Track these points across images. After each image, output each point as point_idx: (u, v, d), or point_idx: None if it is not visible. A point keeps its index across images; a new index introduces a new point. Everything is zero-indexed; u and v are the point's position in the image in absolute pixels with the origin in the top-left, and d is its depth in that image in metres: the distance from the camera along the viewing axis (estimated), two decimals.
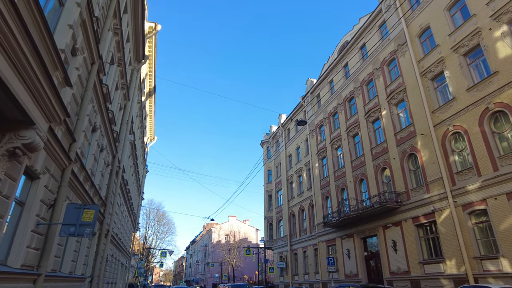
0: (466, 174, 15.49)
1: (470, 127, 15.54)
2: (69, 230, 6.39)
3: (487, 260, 14.05)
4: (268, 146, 43.00)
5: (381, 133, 21.99)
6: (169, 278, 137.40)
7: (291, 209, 34.24)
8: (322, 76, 30.31)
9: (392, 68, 21.99)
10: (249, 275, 66.02)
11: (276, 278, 35.71)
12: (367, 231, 21.65)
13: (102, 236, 14.79)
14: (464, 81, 16.19)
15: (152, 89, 27.90)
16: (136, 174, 28.33)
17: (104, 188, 15.10)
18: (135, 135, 22.64)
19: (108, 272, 18.62)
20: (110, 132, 14.27)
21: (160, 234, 62.55)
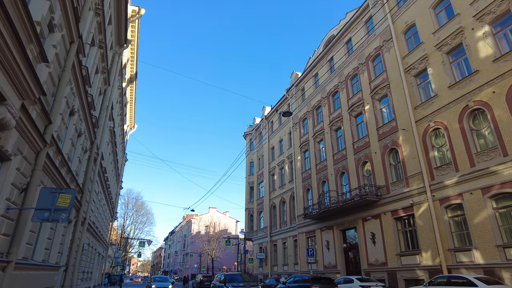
0: (445, 169, 15.89)
1: (450, 124, 15.91)
2: (43, 215, 6.04)
3: (460, 252, 14.53)
4: (251, 138, 42.86)
5: (363, 127, 22.24)
6: (147, 269, 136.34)
7: (272, 200, 34.38)
8: (307, 70, 30.30)
9: (376, 64, 22.18)
10: (228, 266, 66.25)
11: (255, 269, 35.95)
12: (346, 223, 21.99)
13: (79, 224, 14.30)
14: (446, 78, 16.51)
15: (133, 75, 27.10)
16: (115, 162, 27.61)
17: (81, 174, 14.58)
18: (114, 122, 21.96)
19: (84, 261, 18.13)
20: (89, 117, 13.72)
21: (139, 224, 61.79)
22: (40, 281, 9.89)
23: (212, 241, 63.06)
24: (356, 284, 14.66)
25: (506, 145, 13.33)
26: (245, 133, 44.02)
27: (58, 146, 9.41)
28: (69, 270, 13.59)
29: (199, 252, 64.07)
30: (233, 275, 15.35)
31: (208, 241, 63.73)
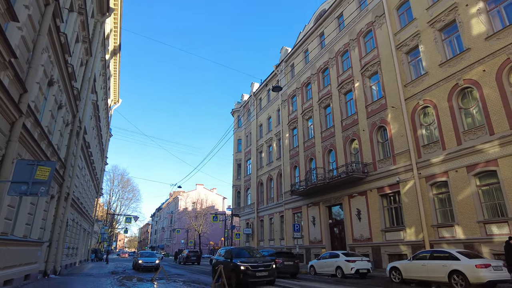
0: (432, 147, 16.03)
1: (440, 102, 15.90)
2: (20, 188, 5.69)
3: (443, 228, 14.92)
4: (239, 115, 42.38)
5: (352, 105, 22.12)
6: (134, 245, 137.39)
7: (259, 177, 34.49)
8: (297, 45, 29.65)
9: (368, 40, 21.80)
10: (215, 242, 67.30)
11: (242, 244, 36.49)
12: (332, 200, 22.27)
13: (62, 200, 13.93)
14: (438, 56, 16.35)
15: (117, 47, 25.95)
16: (99, 137, 26.90)
17: (63, 149, 14.06)
18: (97, 95, 21.15)
19: (68, 237, 17.88)
20: (70, 89, 13.08)
21: (125, 201, 61.46)
22: (22, 257, 9.63)
23: (199, 217, 63.56)
24: (342, 258, 14.94)
25: (493, 124, 13.44)
26: (233, 110, 43.45)
27: (37, 118, 8.91)
28: (53, 245, 13.33)
29: (186, 228, 64.64)
30: (240, 250, 13.48)
31: (195, 217, 64.22)
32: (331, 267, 15.50)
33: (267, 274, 11.27)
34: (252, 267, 11.03)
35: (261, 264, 11.32)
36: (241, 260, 11.42)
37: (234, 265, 11.32)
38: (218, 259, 13.50)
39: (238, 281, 10.92)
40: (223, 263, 12.33)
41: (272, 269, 11.60)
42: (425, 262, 11.26)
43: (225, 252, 13.28)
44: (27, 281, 10.51)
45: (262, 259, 12.01)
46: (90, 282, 11.90)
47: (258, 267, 11.18)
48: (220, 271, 9.37)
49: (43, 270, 12.75)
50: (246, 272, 10.87)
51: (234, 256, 12.01)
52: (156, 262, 20.54)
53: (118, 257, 61.24)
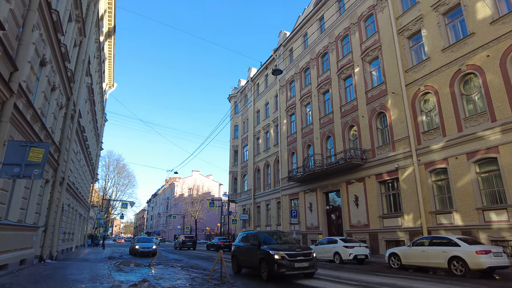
0: (432, 134, 15.90)
1: (441, 88, 15.69)
2: (12, 170, 5.43)
3: (441, 215, 14.94)
4: (236, 101, 41.91)
5: (352, 90, 21.83)
6: (130, 230, 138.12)
7: (256, 164, 34.37)
8: (296, 29, 29.06)
9: (369, 24, 21.35)
10: (211, 227, 67.73)
11: (239, 230, 36.63)
12: (330, 186, 22.24)
13: (57, 184, 13.69)
14: (440, 41, 16.04)
15: (111, 29, 25.24)
16: (94, 122, 26.45)
17: (57, 132, 13.72)
18: (92, 78, 20.62)
19: (64, 222, 17.70)
20: (64, 70, 12.65)
21: (121, 187, 61.35)
22: (17, 242, 9.43)
23: (195, 203, 63.71)
24: (340, 244, 14.95)
25: (496, 111, 13.29)
26: (230, 95, 42.94)
27: (29, 98, 8.56)
28: (49, 230, 13.16)
29: (182, 213, 64.82)
30: (266, 234, 11.01)
31: (192, 203, 64.36)
32: (329, 252, 15.53)
33: (307, 265, 9.12)
34: (289, 256, 8.94)
35: (300, 253, 9.19)
36: (272, 247, 9.36)
37: (264, 253, 9.25)
38: (238, 246, 11.40)
39: (271, 273, 8.86)
40: (245, 250, 10.52)
41: (314, 258, 9.42)
42: (424, 248, 11.25)
43: (248, 236, 11.16)
44: (23, 266, 10.36)
45: (299, 246, 9.95)
46: (87, 267, 11.77)
47: (297, 256, 9.06)
48: (221, 259, 9.01)
49: (39, 255, 12.60)
50: (282, 263, 8.77)
51: (263, 242, 9.96)
52: (153, 247, 20.51)
53: (114, 243, 61.52)
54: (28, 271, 9.54)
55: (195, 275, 10.02)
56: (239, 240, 11.85)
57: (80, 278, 8.46)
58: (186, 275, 10.01)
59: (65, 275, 9.12)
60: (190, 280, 8.82)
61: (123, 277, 9.05)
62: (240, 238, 11.93)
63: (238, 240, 11.93)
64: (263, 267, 9.27)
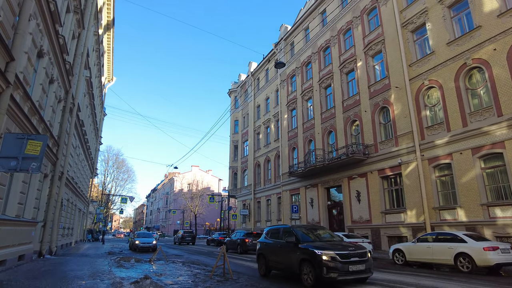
0: (436, 129, 15.69)
1: (446, 82, 15.45)
2: (9, 164, 5.20)
3: (445, 210, 14.78)
4: (236, 95, 41.59)
5: (354, 85, 21.57)
6: (129, 225, 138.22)
7: (257, 159, 34.18)
8: (298, 23, 28.70)
9: (372, 18, 21.04)
10: (211, 222, 67.74)
11: (239, 225, 36.58)
12: (331, 182, 22.06)
13: (56, 179, 13.47)
14: (445, 34, 15.76)
15: (110, 21, 24.88)
16: (93, 116, 26.17)
17: (56, 126, 13.48)
18: (91, 72, 20.32)
19: (63, 217, 17.51)
20: (62, 62, 12.38)
21: (120, 182, 61.08)
22: (15, 237, 9.24)
23: (195, 198, 63.60)
24: None
25: (502, 105, 13.07)
26: (230, 90, 42.61)
27: (26, 90, 8.31)
28: (48, 226, 12.96)
29: (182, 208, 64.74)
30: (303, 231, 8.90)
31: (191, 198, 64.26)
32: None
33: (363, 269, 7.26)
34: (342, 257, 7.15)
35: (354, 252, 7.41)
36: (316, 245, 7.60)
37: (306, 252, 7.54)
38: (266, 243, 9.65)
39: (318, 278, 7.13)
40: (277, 248, 8.81)
41: (370, 259, 7.62)
42: (430, 244, 11.10)
43: (279, 232, 9.35)
44: (21, 262, 10.18)
45: (347, 244, 8.06)
46: (87, 262, 11.60)
47: (351, 257, 7.27)
48: (223, 254, 8.84)
49: (38, 251, 12.42)
50: (333, 266, 6.99)
51: (301, 239, 8.16)
52: (153, 242, 20.37)
53: (113, 237, 61.51)
54: (26, 267, 9.35)
55: (197, 271, 9.86)
56: (266, 236, 10.08)
57: (80, 274, 8.28)
58: (188, 271, 9.85)
59: (65, 271, 8.94)
60: (192, 277, 8.65)
61: (123, 273, 8.87)
62: (267, 233, 10.15)
63: (264, 236, 10.18)
64: (305, 270, 7.51)
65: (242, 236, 20.12)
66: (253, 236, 20.01)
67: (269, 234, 9.94)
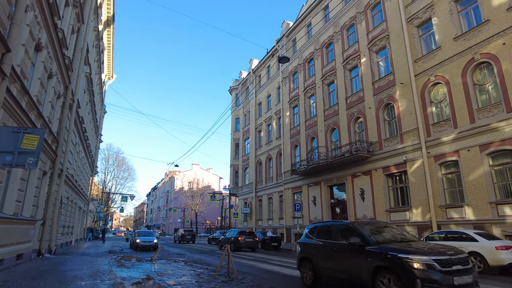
0: (442, 125, 15.39)
1: (452, 78, 15.14)
2: (5, 159, 4.93)
3: (451, 209, 14.50)
4: (237, 93, 41.27)
5: (358, 81, 21.27)
6: (129, 224, 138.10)
7: (258, 157, 33.90)
8: (300, 19, 28.36)
9: (376, 13, 20.71)
10: (212, 221, 67.55)
11: (240, 223, 36.34)
12: (335, 179, 21.78)
13: (55, 176, 13.19)
14: (452, 29, 15.44)
15: (110, 17, 24.56)
16: (93, 113, 25.88)
17: (55, 122, 13.20)
18: (91, 68, 20.02)
19: (63, 215, 17.25)
20: (61, 57, 12.08)
21: (120, 180, 60.89)
22: (13, 235, 8.96)
23: (195, 196, 63.39)
24: None
25: (511, 101, 12.77)
26: (231, 87, 42.29)
27: (23, 84, 8.02)
28: (47, 224, 12.68)
29: (182, 207, 64.52)
30: (370, 231, 6.71)
31: (192, 196, 64.04)
32: None
33: (471, 281, 5.33)
34: (442, 265, 5.22)
35: (455, 258, 5.44)
36: (399, 248, 5.69)
37: (384, 258, 5.66)
38: (313, 245, 7.63)
39: None
40: (333, 252, 6.91)
41: (474, 269, 5.80)
42: (439, 243, 10.79)
43: (330, 230, 7.42)
44: (20, 261, 9.91)
45: (444, 247, 5.94)
46: (87, 262, 11.34)
47: (453, 264, 5.33)
48: (228, 254, 8.55)
49: (37, 250, 12.15)
50: (429, 278, 5.08)
51: (370, 239, 6.22)
52: (154, 241, 20.11)
53: (114, 236, 61.31)
54: (25, 267, 9.08)
55: (200, 271, 9.59)
56: (309, 235, 8.06)
57: (80, 274, 8.01)
58: (191, 271, 9.58)
59: (64, 271, 8.67)
60: (195, 277, 8.38)
61: (125, 273, 8.60)
62: (311, 232, 8.10)
63: (306, 235, 8.17)
64: (383, 282, 5.54)
65: (235, 234, 20.87)
66: (246, 234, 20.75)
67: (315, 233, 7.87)
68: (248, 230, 23.52)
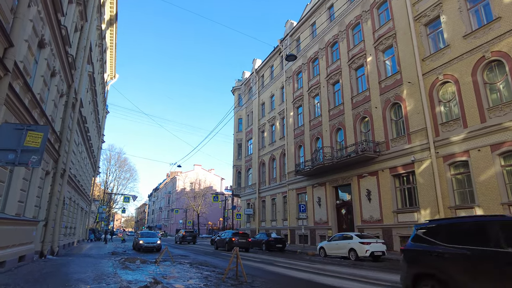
0: (452, 125, 15.10)
1: (462, 77, 14.86)
2: (7, 157, 4.68)
3: (461, 210, 14.20)
4: (240, 93, 41.02)
5: (364, 81, 20.99)
6: (131, 224, 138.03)
7: (261, 158, 33.63)
8: (304, 18, 28.12)
9: (382, 11, 20.44)
10: (214, 222, 67.27)
11: (243, 224, 36.06)
12: (340, 180, 21.49)
13: (58, 176, 12.96)
14: (462, 27, 15.16)
15: (113, 16, 24.38)
16: (96, 113, 25.67)
17: (58, 121, 12.97)
18: (94, 67, 19.82)
19: (66, 216, 17.01)
20: (64, 54, 11.86)
21: (122, 181, 60.59)
22: (15, 237, 8.72)
23: (197, 197, 63.12)
24: (355, 240, 14.25)
25: None
26: (234, 87, 42.05)
27: (26, 81, 7.79)
28: (50, 225, 12.44)
29: (184, 208, 64.27)
30: None
31: (194, 197, 63.78)
32: (343, 249, 14.84)
33: None
34: None
35: None
36: None
37: None
38: (448, 254, 4.76)
39: None
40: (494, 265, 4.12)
41: None
42: None
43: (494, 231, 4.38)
44: (22, 263, 9.67)
45: None
46: (91, 264, 11.09)
47: None
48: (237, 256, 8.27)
49: (40, 251, 11.90)
50: None
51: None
52: (157, 242, 19.85)
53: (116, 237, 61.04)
54: (27, 269, 8.84)
55: (207, 274, 9.32)
56: (429, 237, 5.29)
57: (84, 277, 7.75)
58: (198, 273, 9.31)
59: (67, 273, 8.42)
60: (203, 280, 8.12)
61: (130, 276, 8.34)
62: (432, 233, 5.34)
63: (422, 239, 5.44)
64: None
65: (230, 235, 22.39)
66: (240, 235, 21.89)
67: (443, 235, 5.11)
68: (241, 231, 24.85)
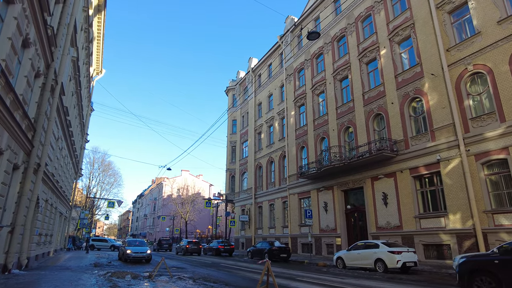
0: (485, 120, 13.54)
1: (497, 66, 13.36)
2: None
3: (500, 214, 12.54)
4: (235, 94, 39.08)
5: (377, 75, 19.39)
6: (113, 232, 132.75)
7: (258, 161, 31.61)
8: (306, 12, 26.57)
9: (397, 1, 19.00)
10: (202, 230, 64.49)
11: (237, 232, 33.80)
12: (351, 183, 19.67)
13: (30, 172, 10.61)
14: (495, 12, 13.73)
15: (102, 3, 22.16)
16: (79, 108, 23.20)
17: (33, 105, 10.72)
18: (78, 54, 17.51)
19: (40, 221, 14.52)
20: (42, 23, 9.69)
21: (106, 186, 57.29)
22: None
23: (185, 204, 60.38)
24: (383, 249, 12.34)
25: None
26: (228, 87, 40.08)
27: None
28: (17, 231, 10.03)
29: (171, 215, 61.30)
30: None
31: (182, 204, 60.98)
32: (367, 259, 12.92)
33: None
34: None
35: None
36: None
37: None
38: None
39: None
40: None
41: None
42: None
43: None
44: None
45: None
46: (67, 280, 8.79)
47: None
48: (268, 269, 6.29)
49: (3, 264, 9.50)
50: None
51: None
52: (147, 252, 17.49)
53: None
54: None
55: None
56: None
57: None
58: None
59: None
60: None
61: None
62: None
63: None
64: None
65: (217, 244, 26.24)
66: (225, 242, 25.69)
67: None
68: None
